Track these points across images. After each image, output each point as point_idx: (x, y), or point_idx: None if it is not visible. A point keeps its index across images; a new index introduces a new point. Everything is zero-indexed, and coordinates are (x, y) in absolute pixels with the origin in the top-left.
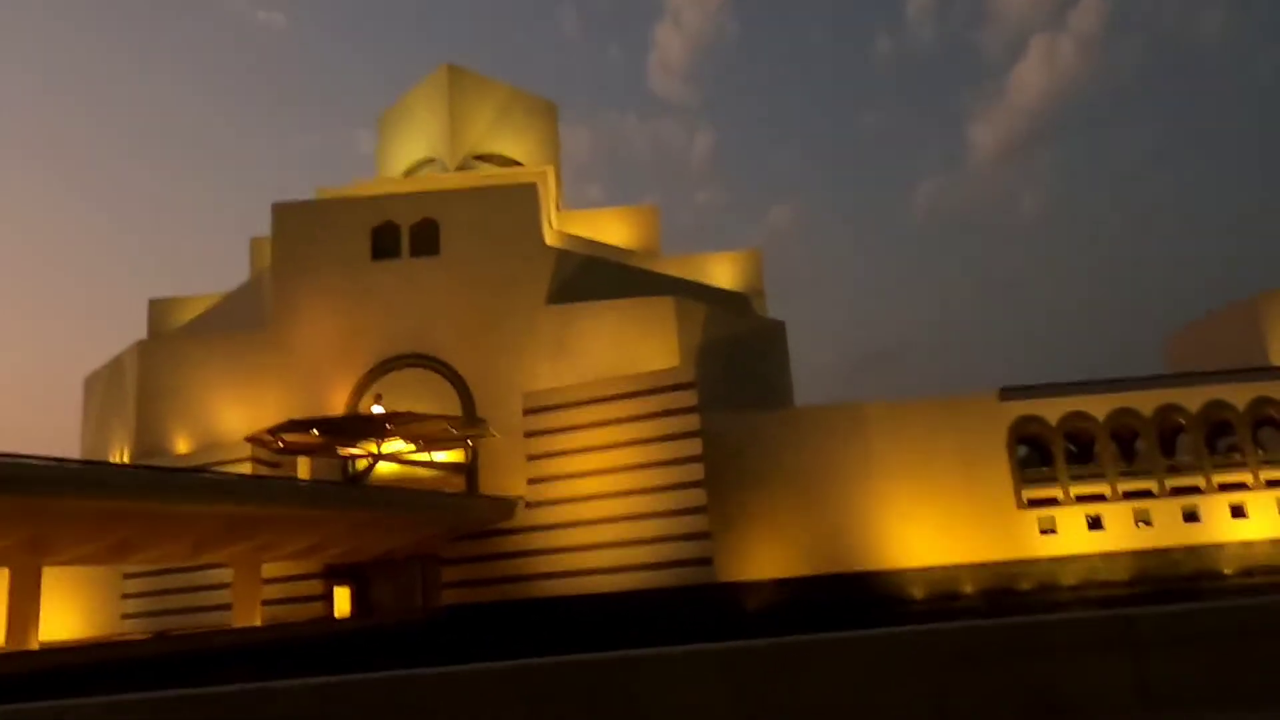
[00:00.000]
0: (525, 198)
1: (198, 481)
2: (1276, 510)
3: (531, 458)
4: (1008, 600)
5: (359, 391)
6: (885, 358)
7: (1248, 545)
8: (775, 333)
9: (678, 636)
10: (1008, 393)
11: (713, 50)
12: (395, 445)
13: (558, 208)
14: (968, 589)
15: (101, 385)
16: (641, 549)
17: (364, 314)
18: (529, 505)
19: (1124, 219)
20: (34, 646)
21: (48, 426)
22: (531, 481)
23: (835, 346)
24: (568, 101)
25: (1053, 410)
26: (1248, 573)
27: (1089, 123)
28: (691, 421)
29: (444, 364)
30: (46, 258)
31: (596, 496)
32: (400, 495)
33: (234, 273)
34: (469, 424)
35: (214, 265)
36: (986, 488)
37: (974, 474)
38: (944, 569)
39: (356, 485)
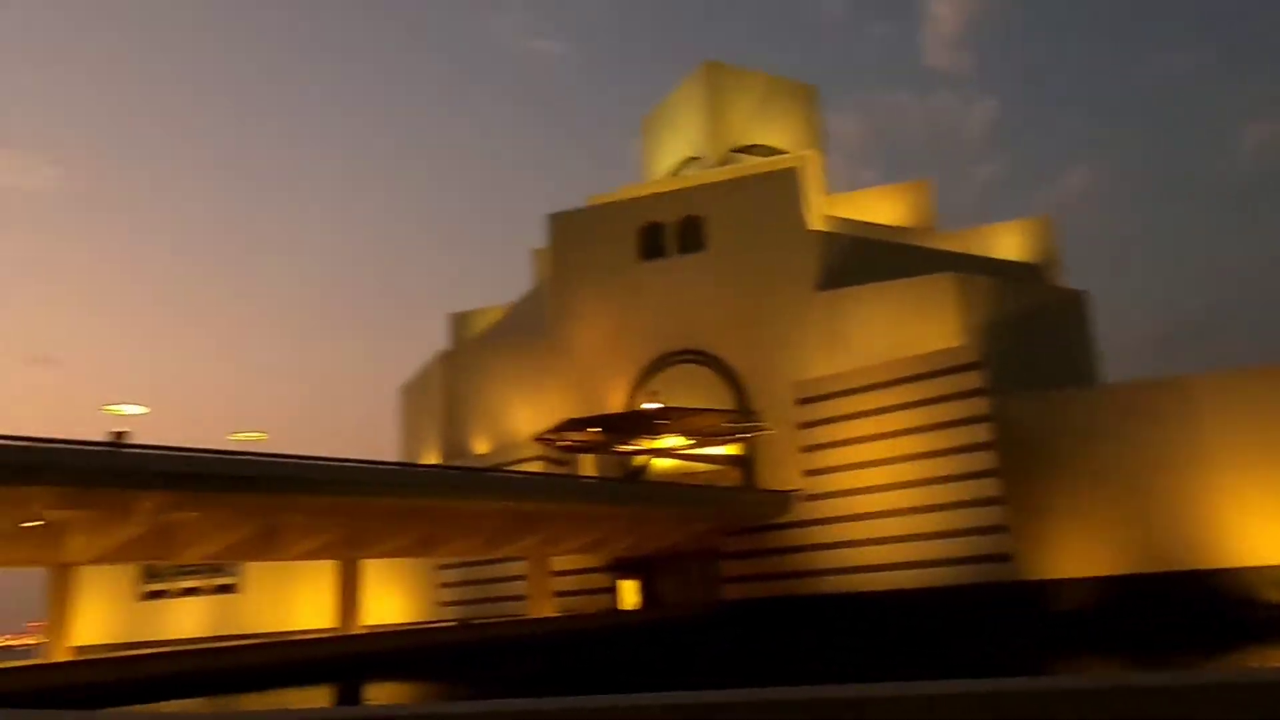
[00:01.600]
0: (786, 184)
1: (483, 480)
2: None
3: (806, 449)
4: None
5: (634, 389)
6: (1203, 329)
7: None
8: (1075, 304)
9: (976, 639)
10: None
11: (989, 13)
12: (671, 441)
13: (824, 192)
14: None
15: (413, 393)
16: (929, 544)
17: (635, 313)
18: (806, 498)
19: None
20: (355, 631)
21: (376, 432)
22: (807, 474)
23: (1144, 320)
24: (834, 86)
25: None
26: None
27: None
28: (980, 405)
29: (715, 358)
30: (374, 277)
31: (877, 488)
32: (671, 490)
33: (524, 284)
34: (741, 417)
35: (508, 278)
36: None
37: None
38: None
39: (631, 481)
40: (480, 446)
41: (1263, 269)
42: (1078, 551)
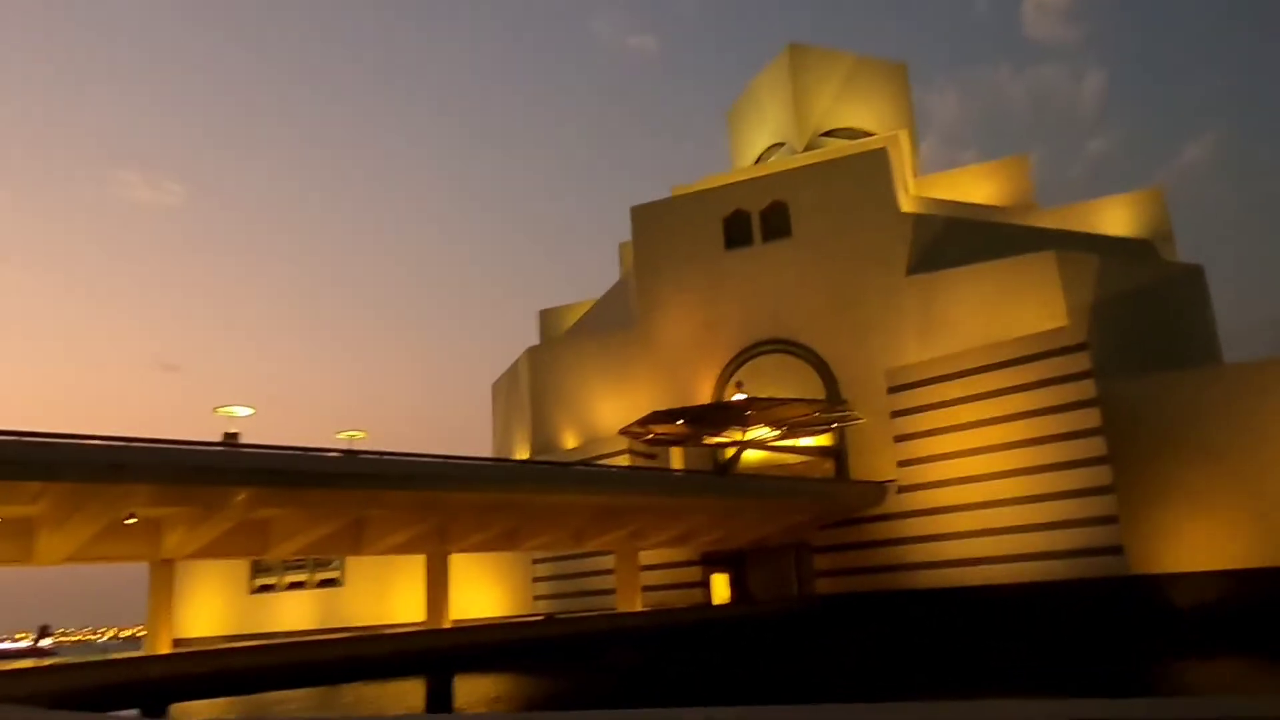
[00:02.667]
0: (874, 166)
1: (565, 473)
2: None
3: (900, 439)
4: None
5: (722, 380)
6: None
7: None
8: (1190, 280)
9: (1088, 639)
10: None
11: None
12: (759, 432)
13: (915, 173)
14: None
15: (504, 389)
16: (1031, 536)
17: (721, 303)
18: (901, 490)
19: None
20: (445, 624)
21: (474, 430)
22: (902, 464)
23: (1266, 297)
24: (931, 64)
25: None
26: None
27: None
28: (1086, 388)
29: (803, 347)
30: (475, 276)
31: (976, 478)
32: (760, 482)
33: (612, 279)
34: (831, 407)
35: (600, 273)
36: None
37: None
38: None
39: (717, 474)
40: (569, 441)
41: None
42: (1198, 544)
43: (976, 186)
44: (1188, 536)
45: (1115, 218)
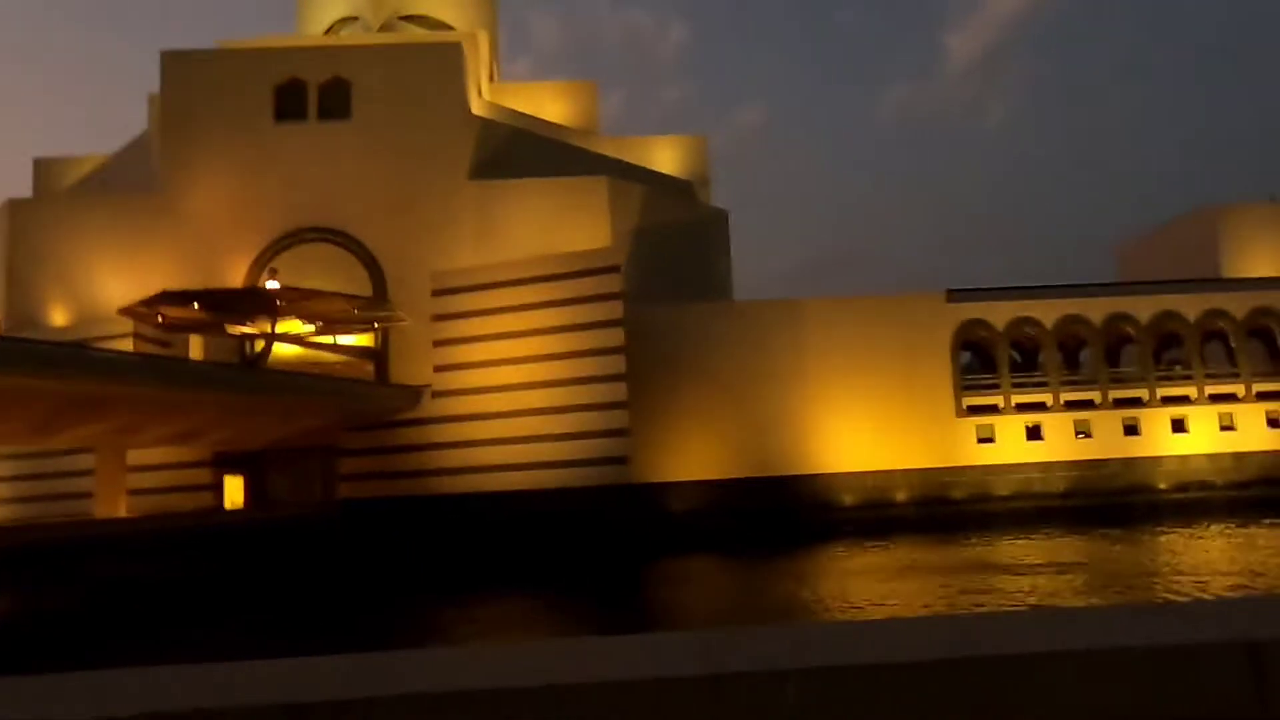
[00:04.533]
0: (448, 59)
1: (17, 352)
2: (1216, 425)
3: (439, 343)
4: (940, 510)
5: (258, 265)
6: (843, 263)
7: (1184, 460)
8: (718, 222)
9: (589, 537)
10: (955, 294)
11: None
12: (294, 326)
13: (491, 79)
14: (900, 496)
15: None
16: (555, 445)
17: (265, 180)
18: (435, 395)
19: (1085, 132)
20: None
21: None
22: (439, 369)
23: (799, 251)
24: None
25: (1000, 314)
26: (1182, 487)
27: (1059, 37)
28: (615, 309)
29: (353, 239)
30: None
31: (509, 387)
32: (273, 378)
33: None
34: (372, 305)
35: (120, 125)
36: (926, 393)
37: (915, 378)
38: (878, 474)
39: (244, 367)
40: (58, 318)
41: (899, 213)
42: (697, 457)
43: (548, 104)
44: (691, 451)
45: (665, 156)
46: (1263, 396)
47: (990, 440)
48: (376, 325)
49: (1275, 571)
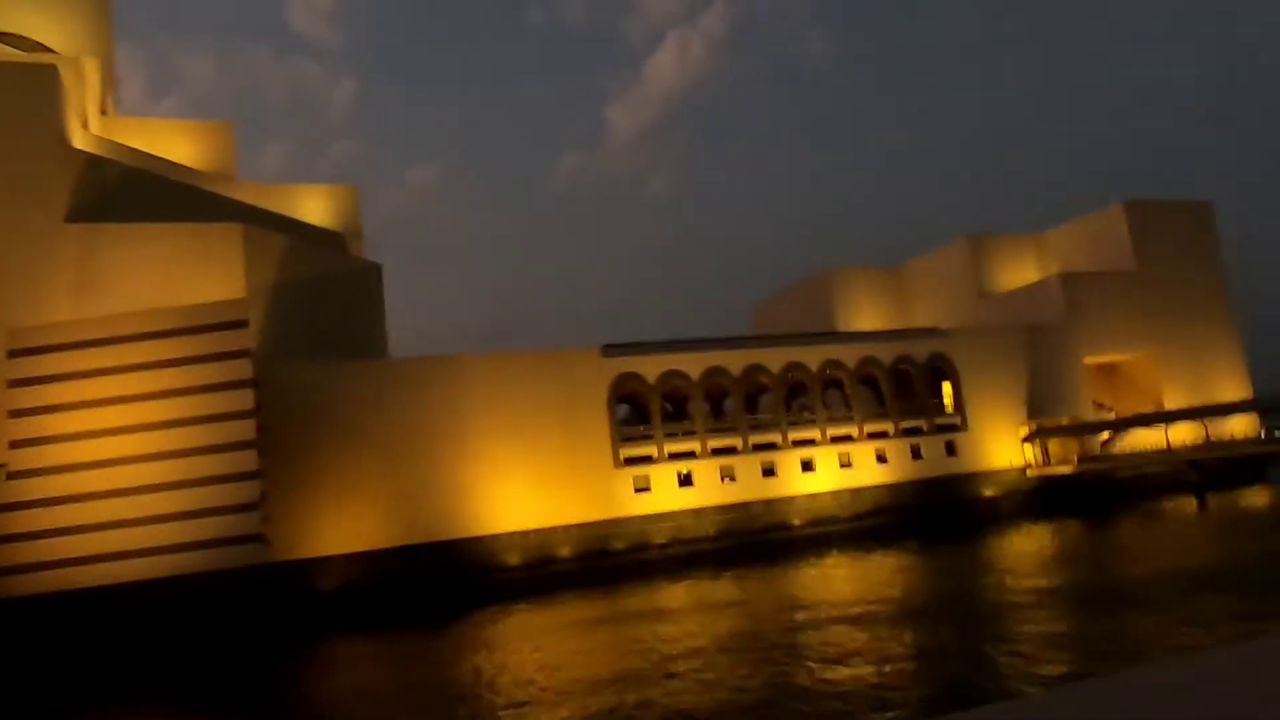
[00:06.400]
0: (39, 83)
1: None
2: (838, 463)
3: (17, 413)
4: (602, 562)
5: None
6: (509, 324)
7: (813, 497)
8: (371, 276)
9: (221, 630)
10: (610, 349)
11: None
12: None
13: (104, 111)
14: (564, 552)
15: None
16: (170, 526)
17: None
18: (10, 476)
19: (735, 201)
20: None
21: None
22: (15, 445)
23: (470, 311)
24: (192, 28)
25: (652, 368)
26: (814, 522)
27: (716, 112)
28: (243, 367)
29: None
30: None
31: (112, 462)
32: None
33: None
34: None
35: None
36: (586, 447)
37: (575, 433)
38: (540, 532)
39: None
40: None
41: (567, 278)
42: (350, 527)
43: (177, 144)
44: (338, 521)
45: (313, 207)
46: (872, 436)
47: (646, 490)
48: None
49: (891, 595)
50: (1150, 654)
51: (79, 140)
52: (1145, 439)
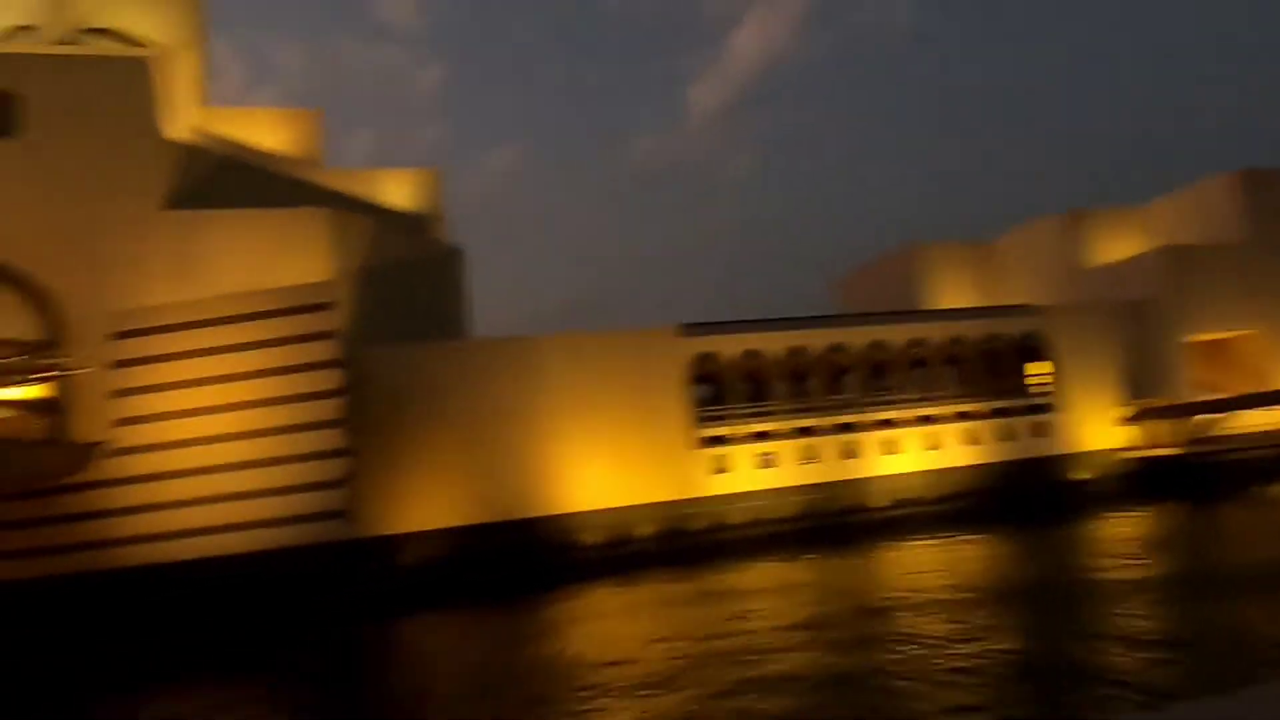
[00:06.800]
0: (133, 77)
1: None
2: (922, 444)
3: (121, 393)
4: (679, 542)
5: None
6: (595, 305)
7: (898, 478)
8: (454, 259)
9: (308, 603)
10: (687, 328)
11: None
12: None
13: (200, 103)
14: (642, 531)
15: None
16: (266, 501)
17: None
18: (115, 453)
19: (817, 179)
20: None
21: None
22: (121, 423)
23: (553, 293)
24: (284, 22)
25: (730, 347)
26: (899, 504)
27: (795, 92)
28: (331, 348)
29: (19, 274)
30: None
31: (210, 439)
32: None
33: None
34: (38, 351)
35: None
36: (663, 427)
37: (651, 413)
38: (618, 511)
39: None
40: None
41: (643, 258)
42: (431, 505)
43: (268, 132)
44: (420, 498)
45: (398, 191)
46: (960, 416)
47: (725, 470)
48: (43, 376)
49: (973, 580)
50: None
51: (175, 131)
52: (1252, 421)
